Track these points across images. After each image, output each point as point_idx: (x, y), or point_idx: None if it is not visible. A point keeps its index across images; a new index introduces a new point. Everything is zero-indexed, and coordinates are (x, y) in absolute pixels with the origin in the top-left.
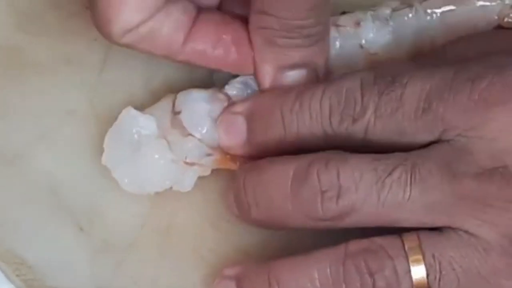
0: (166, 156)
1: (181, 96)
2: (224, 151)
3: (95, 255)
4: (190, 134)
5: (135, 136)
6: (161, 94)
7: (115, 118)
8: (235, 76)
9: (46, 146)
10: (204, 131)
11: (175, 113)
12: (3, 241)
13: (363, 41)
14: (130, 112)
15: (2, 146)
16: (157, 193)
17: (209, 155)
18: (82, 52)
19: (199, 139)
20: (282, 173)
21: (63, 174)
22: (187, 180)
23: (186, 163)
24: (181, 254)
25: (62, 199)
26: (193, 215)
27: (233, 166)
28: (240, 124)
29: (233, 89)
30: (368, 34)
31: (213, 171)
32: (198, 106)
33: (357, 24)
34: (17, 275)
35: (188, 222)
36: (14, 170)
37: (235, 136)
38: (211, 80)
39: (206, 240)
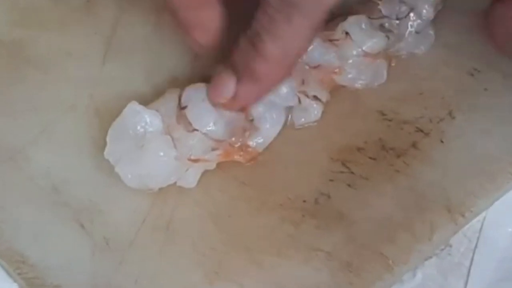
0: (171, 153)
1: (188, 91)
2: (230, 144)
3: (96, 253)
4: (195, 129)
5: (140, 131)
6: (162, 88)
7: (116, 113)
8: None
9: (46, 142)
10: (210, 126)
11: (181, 107)
12: (4, 239)
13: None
14: (134, 107)
15: (2, 142)
16: (158, 189)
17: (214, 149)
18: (83, 46)
19: (204, 134)
20: None
21: (64, 171)
22: (191, 176)
23: (191, 160)
24: (182, 251)
25: (62, 196)
26: (194, 212)
27: (239, 158)
28: None
29: None
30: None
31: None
32: (205, 101)
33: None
34: (19, 274)
35: (189, 219)
36: (14, 167)
37: None
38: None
39: (207, 236)
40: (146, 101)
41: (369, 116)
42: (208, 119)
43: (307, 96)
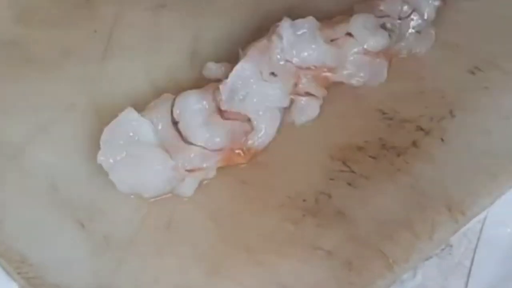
0: (167, 164)
1: (178, 103)
2: (231, 149)
3: (96, 252)
4: (192, 143)
5: (135, 140)
6: (162, 87)
7: (115, 111)
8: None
9: (46, 140)
10: (207, 139)
11: (174, 122)
12: (4, 239)
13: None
14: (131, 114)
15: (2, 141)
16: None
17: (212, 157)
18: (82, 44)
19: (201, 146)
20: None
21: (63, 170)
22: (188, 186)
23: (187, 170)
24: (182, 251)
25: (62, 195)
26: (194, 211)
27: (240, 160)
28: None
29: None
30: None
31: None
32: (196, 116)
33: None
34: (19, 273)
35: (189, 218)
36: (14, 166)
37: None
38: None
39: (207, 236)
40: (145, 99)
41: (369, 115)
42: (203, 134)
43: (301, 95)
